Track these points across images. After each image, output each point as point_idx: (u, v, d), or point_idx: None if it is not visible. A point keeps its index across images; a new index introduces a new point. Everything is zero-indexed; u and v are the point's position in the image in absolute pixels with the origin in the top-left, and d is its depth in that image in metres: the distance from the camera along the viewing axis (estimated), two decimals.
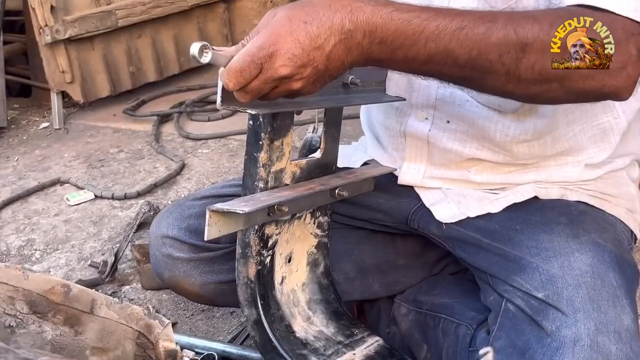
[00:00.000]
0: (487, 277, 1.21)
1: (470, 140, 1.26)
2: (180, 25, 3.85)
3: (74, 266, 2.13)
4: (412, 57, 0.96)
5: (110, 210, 2.48)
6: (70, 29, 3.30)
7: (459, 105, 1.23)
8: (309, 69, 0.93)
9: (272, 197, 1.11)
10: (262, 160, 1.12)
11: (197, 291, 1.40)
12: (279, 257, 1.24)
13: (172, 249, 1.37)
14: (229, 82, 0.93)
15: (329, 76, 0.97)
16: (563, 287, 1.06)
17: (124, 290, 2.00)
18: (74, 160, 2.99)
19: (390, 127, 1.35)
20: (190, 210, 1.39)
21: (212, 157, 2.92)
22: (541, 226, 1.19)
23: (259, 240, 1.17)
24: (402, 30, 0.94)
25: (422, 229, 1.35)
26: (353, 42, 0.94)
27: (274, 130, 1.11)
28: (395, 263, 1.46)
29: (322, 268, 1.35)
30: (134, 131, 3.30)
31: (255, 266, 1.19)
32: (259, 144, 1.11)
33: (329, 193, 1.25)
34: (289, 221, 1.23)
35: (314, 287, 1.34)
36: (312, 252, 1.33)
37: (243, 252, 1.18)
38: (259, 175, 1.13)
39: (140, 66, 3.71)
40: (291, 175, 1.19)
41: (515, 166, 1.27)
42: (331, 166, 1.28)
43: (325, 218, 1.32)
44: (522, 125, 1.21)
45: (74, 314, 1.02)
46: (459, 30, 0.95)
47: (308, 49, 0.92)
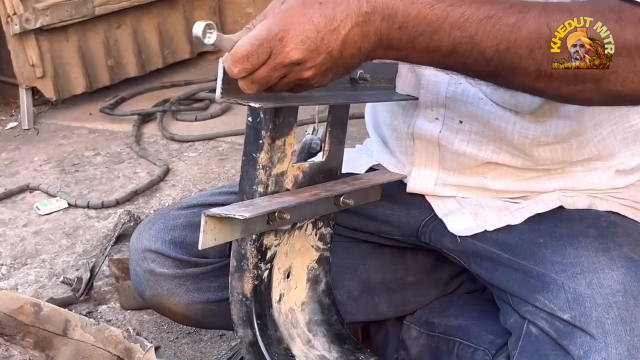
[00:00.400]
0: (507, 296, 1.22)
1: (486, 142, 1.26)
2: (164, 14, 3.87)
3: (45, 283, 2.13)
4: (434, 46, 0.97)
5: (86, 220, 2.49)
6: (42, 18, 3.32)
7: (472, 103, 1.24)
8: (322, 55, 0.93)
9: (273, 202, 1.11)
10: (262, 161, 1.12)
11: (182, 311, 1.40)
12: (277, 271, 1.24)
13: (154, 264, 1.37)
14: (234, 68, 0.93)
15: (342, 65, 0.97)
16: (592, 307, 1.06)
17: (100, 310, 2.00)
18: (45, 165, 3.00)
19: (397, 129, 1.35)
20: (175, 220, 1.40)
21: (199, 161, 2.93)
22: (567, 239, 1.19)
23: (256, 251, 1.17)
24: (424, 15, 0.95)
25: (434, 242, 1.36)
26: (371, 27, 0.95)
27: (275, 128, 1.11)
28: (404, 280, 1.47)
29: (324, 285, 1.36)
30: (112, 132, 3.30)
31: (252, 281, 1.19)
32: (258, 143, 1.11)
33: (333, 201, 1.25)
34: (289, 231, 1.24)
35: (315, 306, 1.35)
36: (313, 267, 1.33)
37: (238, 265, 1.18)
38: (259, 178, 1.13)
39: (119, 59, 3.72)
40: (293, 180, 1.19)
41: (537, 172, 1.28)
42: (335, 171, 1.29)
43: (328, 229, 1.33)
44: (543, 127, 1.22)
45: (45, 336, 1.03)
46: (487, 19, 0.95)
47: (323, 32, 0.92)
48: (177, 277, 1.37)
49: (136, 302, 1.94)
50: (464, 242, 1.29)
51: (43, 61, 3.41)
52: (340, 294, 1.43)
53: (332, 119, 1.25)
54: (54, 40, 3.44)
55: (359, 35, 0.95)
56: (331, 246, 1.34)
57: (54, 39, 3.44)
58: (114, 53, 3.69)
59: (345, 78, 1.18)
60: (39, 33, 3.36)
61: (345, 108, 1.27)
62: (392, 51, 0.99)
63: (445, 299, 1.48)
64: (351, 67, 0.99)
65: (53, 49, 3.45)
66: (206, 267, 1.38)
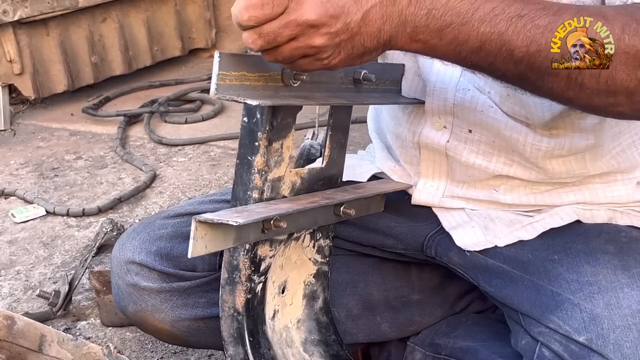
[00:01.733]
0: (519, 316, 1.22)
1: (497, 154, 1.27)
2: (153, 7, 3.89)
3: (19, 296, 2.14)
4: (462, 39, 0.99)
5: (65, 229, 2.49)
6: (21, 10, 3.33)
7: (482, 112, 1.25)
8: (339, 24, 0.94)
9: (269, 209, 1.11)
10: (258, 165, 1.13)
11: (167, 329, 1.41)
12: (271, 285, 1.25)
13: (138, 278, 1.37)
14: (245, 14, 0.93)
15: (358, 44, 0.98)
16: (609, 329, 1.07)
17: (79, 327, 2.00)
18: (22, 169, 3.01)
19: (402, 137, 1.36)
20: (161, 230, 1.40)
21: (189, 166, 2.94)
22: (584, 256, 1.20)
23: (250, 262, 1.18)
24: (453, 5, 0.98)
25: (440, 257, 1.36)
26: (395, 9, 0.97)
27: (273, 130, 1.12)
28: (408, 298, 1.48)
29: (321, 302, 1.36)
30: (96, 134, 3.32)
31: (245, 294, 1.19)
32: (254, 145, 1.12)
33: (333, 211, 1.26)
34: (284, 242, 1.25)
35: (311, 325, 1.35)
36: (310, 282, 1.34)
37: (230, 277, 1.19)
38: (253, 183, 1.13)
39: (104, 56, 3.74)
40: (290, 186, 1.20)
41: (552, 185, 1.29)
42: (336, 179, 1.30)
43: (327, 241, 1.34)
44: (557, 140, 1.23)
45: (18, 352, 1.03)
46: (518, 18, 0.98)
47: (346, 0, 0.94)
48: (162, 291, 1.37)
49: (118, 319, 1.94)
50: (472, 257, 1.30)
51: (21, 57, 3.42)
52: (339, 312, 1.44)
53: (333, 123, 1.26)
54: (33, 34, 3.46)
55: (381, 15, 0.97)
56: (330, 260, 1.35)
57: (34, 33, 3.46)
58: (99, 49, 3.71)
59: (348, 78, 1.19)
60: (17, 26, 3.38)
61: (347, 111, 1.28)
62: (417, 42, 1.01)
63: (453, 319, 1.49)
64: (367, 51, 1.00)
65: (32, 44, 3.46)
66: (194, 281, 1.38)
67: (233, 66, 1.00)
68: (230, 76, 0.99)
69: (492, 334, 1.38)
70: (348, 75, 1.19)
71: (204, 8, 4.13)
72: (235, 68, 1.00)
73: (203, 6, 4.12)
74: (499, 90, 1.21)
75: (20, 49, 3.41)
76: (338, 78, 1.18)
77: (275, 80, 1.07)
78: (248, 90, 1.03)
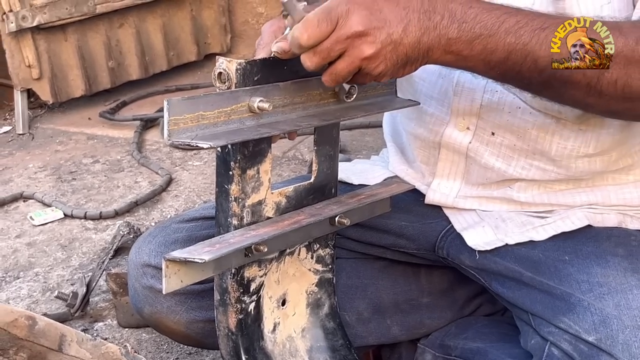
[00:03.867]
0: (529, 316, 1.24)
1: (517, 157, 1.29)
2: (170, 13, 3.91)
3: (38, 298, 2.16)
4: (490, 49, 1.08)
5: (83, 232, 2.52)
6: (40, 16, 3.36)
7: (509, 113, 1.27)
8: (384, 34, 1.03)
9: (244, 237, 1.11)
10: (234, 193, 1.14)
11: (182, 330, 1.43)
12: (268, 301, 1.25)
13: (154, 280, 1.39)
14: (303, 34, 1.02)
15: (402, 54, 1.05)
16: (619, 330, 1.09)
17: (96, 328, 2.03)
18: (40, 172, 3.04)
19: (422, 137, 1.38)
20: (176, 234, 1.42)
21: (204, 170, 2.95)
22: (594, 258, 1.22)
23: (237, 285, 1.19)
24: (481, 18, 1.07)
25: (452, 257, 1.38)
26: (431, 22, 1.06)
27: (245, 158, 1.13)
28: (418, 301, 1.49)
29: (327, 309, 1.36)
30: (112, 138, 3.34)
31: (236, 315, 1.20)
32: (229, 174, 1.13)
33: (328, 222, 1.26)
34: (276, 259, 1.25)
35: (317, 332, 1.35)
36: (313, 291, 1.34)
37: (221, 299, 1.20)
38: (232, 210, 1.14)
39: (121, 61, 3.76)
40: (274, 207, 1.20)
41: (566, 183, 1.31)
42: (330, 189, 1.29)
43: (327, 250, 1.33)
44: (584, 136, 1.25)
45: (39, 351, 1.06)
46: (540, 30, 1.07)
47: (386, 11, 1.04)
48: (177, 294, 1.39)
49: (134, 320, 1.96)
50: (483, 258, 1.32)
51: (40, 62, 3.44)
52: (349, 316, 1.45)
53: (317, 138, 1.25)
54: (52, 39, 3.48)
55: (419, 27, 1.05)
56: (333, 267, 1.35)
57: (52, 39, 3.49)
58: (116, 54, 3.73)
59: (328, 93, 1.19)
60: (36, 32, 3.41)
61: (331, 124, 1.27)
62: (450, 53, 1.08)
63: (463, 321, 1.51)
64: (410, 60, 1.07)
65: (51, 49, 3.49)
66: (208, 284, 1.40)
67: (186, 109, 1.00)
68: (185, 119, 1.00)
69: (501, 336, 1.40)
70: (328, 89, 1.19)
71: (220, 14, 4.15)
72: (189, 110, 1.00)
73: (218, 12, 4.14)
74: None
75: (38, 54, 3.43)
76: (316, 95, 1.18)
77: (240, 113, 1.07)
78: (207, 129, 1.03)
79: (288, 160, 2.93)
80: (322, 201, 1.27)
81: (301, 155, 2.88)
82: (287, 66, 1.15)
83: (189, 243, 1.40)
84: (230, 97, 1.06)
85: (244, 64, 1.08)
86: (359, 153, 2.86)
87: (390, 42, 1.04)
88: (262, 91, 1.09)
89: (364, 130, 3.10)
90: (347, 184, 1.45)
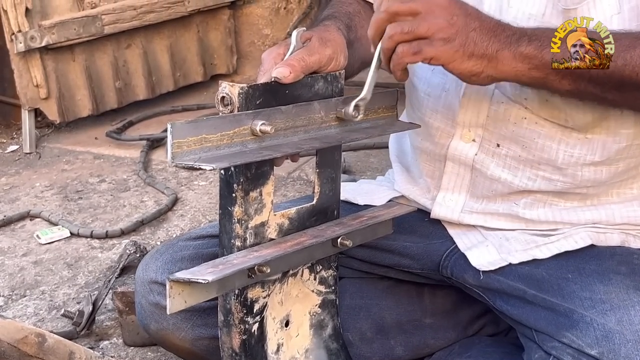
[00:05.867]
0: (532, 332, 1.26)
1: (522, 168, 1.31)
2: (176, 34, 3.94)
3: (44, 316, 2.17)
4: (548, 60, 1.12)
5: (89, 250, 2.53)
6: (48, 36, 3.39)
7: (514, 123, 1.29)
8: (461, 15, 1.10)
9: (247, 258, 1.13)
10: (237, 215, 1.16)
11: (188, 347, 1.45)
12: (271, 321, 1.27)
13: (160, 297, 1.41)
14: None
15: (471, 42, 1.11)
16: (621, 344, 1.11)
17: (102, 346, 2.03)
18: (47, 191, 3.05)
19: (428, 151, 1.40)
20: (183, 252, 1.44)
21: (210, 190, 2.97)
22: (597, 276, 1.24)
23: (241, 306, 1.20)
24: (548, 34, 1.12)
25: (456, 277, 1.39)
26: (504, 34, 1.12)
27: (248, 180, 1.15)
28: (421, 322, 1.50)
29: (330, 330, 1.38)
30: (119, 158, 3.36)
31: (240, 336, 1.21)
32: (232, 196, 1.15)
33: (330, 243, 1.27)
34: (279, 280, 1.26)
35: (320, 353, 1.36)
36: (316, 312, 1.35)
37: (225, 319, 1.22)
38: (235, 232, 1.16)
39: (128, 81, 3.79)
40: (277, 229, 1.22)
41: (572, 199, 1.32)
42: (332, 211, 1.31)
43: (330, 272, 1.34)
44: (590, 144, 1.27)
45: None
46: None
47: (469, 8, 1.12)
48: (183, 311, 1.39)
49: (140, 339, 1.97)
50: (487, 277, 1.33)
51: (48, 81, 3.47)
52: (352, 336, 1.46)
53: (319, 161, 1.27)
54: (59, 59, 3.51)
55: (488, 35, 1.12)
56: (336, 288, 1.36)
57: (60, 59, 3.51)
58: (123, 74, 3.75)
59: (329, 116, 1.21)
60: (44, 52, 3.43)
61: (333, 147, 1.29)
62: (521, 58, 1.12)
63: (467, 341, 1.52)
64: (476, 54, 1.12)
65: (58, 69, 3.52)
66: (214, 302, 1.41)
67: (189, 132, 1.02)
68: (188, 142, 1.02)
69: (504, 355, 1.41)
70: (329, 113, 1.21)
71: (226, 35, 4.17)
72: (192, 133, 1.03)
73: (225, 33, 4.17)
74: (536, 97, 1.26)
75: (46, 74, 3.46)
76: (318, 118, 1.20)
77: (242, 136, 1.09)
78: (210, 151, 1.05)
79: (293, 181, 2.94)
80: (325, 223, 1.29)
81: (306, 175, 2.89)
82: (289, 90, 1.17)
83: (195, 261, 1.42)
84: (232, 120, 1.08)
85: (246, 88, 1.10)
86: (363, 174, 2.87)
87: (464, 23, 1.09)
88: (264, 114, 1.11)
89: (369, 152, 3.10)
90: (353, 204, 1.46)
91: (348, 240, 1.28)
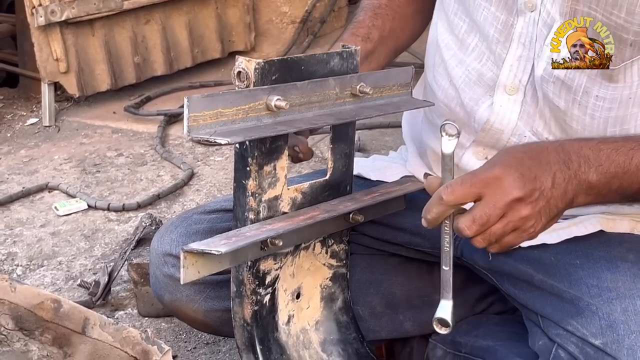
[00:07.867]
0: (538, 318, 1.27)
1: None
2: (195, 10, 3.94)
3: (61, 286, 2.21)
4: (626, 185, 1.14)
5: (105, 223, 2.56)
6: (68, 10, 3.41)
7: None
8: (536, 193, 1.08)
9: (260, 231, 1.14)
10: (251, 188, 1.16)
11: (200, 318, 1.47)
12: (282, 293, 1.28)
13: (175, 269, 1.43)
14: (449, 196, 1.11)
15: (554, 207, 1.10)
16: (625, 335, 1.11)
17: (117, 316, 2.07)
18: (65, 164, 3.08)
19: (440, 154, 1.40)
20: (197, 225, 1.46)
21: (225, 165, 2.99)
22: (604, 262, 1.24)
23: (253, 277, 1.22)
24: (613, 158, 1.13)
25: (465, 257, 1.40)
26: (571, 171, 1.12)
27: (262, 155, 1.16)
28: (430, 298, 1.51)
29: (340, 303, 1.39)
30: (136, 132, 3.39)
31: (251, 306, 1.23)
32: (246, 170, 1.16)
33: (342, 218, 1.28)
34: (292, 253, 1.27)
35: (330, 325, 1.38)
36: (327, 285, 1.37)
37: (237, 290, 1.23)
38: (249, 205, 1.17)
39: (146, 57, 3.81)
40: (290, 202, 1.23)
41: None
42: (344, 186, 1.32)
43: (341, 246, 1.36)
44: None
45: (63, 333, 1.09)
46: None
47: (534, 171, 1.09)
48: (196, 283, 1.42)
49: (154, 309, 2.00)
50: (496, 260, 1.34)
51: (67, 56, 3.49)
52: (362, 310, 1.48)
53: (334, 136, 1.28)
54: (79, 34, 3.53)
55: (563, 178, 1.10)
56: (347, 262, 1.38)
57: (80, 33, 3.53)
58: (141, 50, 3.77)
59: (345, 93, 1.22)
60: (64, 26, 3.45)
61: (347, 123, 1.29)
62: (591, 195, 1.14)
63: (474, 319, 1.53)
64: (560, 212, 1.12)
65: (78, 44, 3.53)
66: (226, 275, 1.43)
67: (206, 106, 1.03)
68: (204, 116, 1.03)
69: (511, 334, 1.42)
70: (344, 89, 1.22)
71: (244, 12, 4.17)
72: (208, 107, 1.04)
73: (243, 10, 4.17)
74: (559, 132, 1.28)
75: (66, 48, 3.48)
76: (333, 95, 1.20)
77: (257, 111, 1.10)
78: (225, 125, 1.06)
79: None
80: (337, 198, 1.30)
81: (321, 153, 2.90)
82: (304, 66, 1.18)
83: (209, 234, 1.42)
84: (248, 95, 1.09)
85: (262, 63, 1.11)
86: (378, 152, 2.86)
87: (543, 197, 1.08)
88: (279, 90, 1.12)
89: (384, 130, 3.10)
90: (365, 179, 1.47)
91: (360, 216, 1.29)
